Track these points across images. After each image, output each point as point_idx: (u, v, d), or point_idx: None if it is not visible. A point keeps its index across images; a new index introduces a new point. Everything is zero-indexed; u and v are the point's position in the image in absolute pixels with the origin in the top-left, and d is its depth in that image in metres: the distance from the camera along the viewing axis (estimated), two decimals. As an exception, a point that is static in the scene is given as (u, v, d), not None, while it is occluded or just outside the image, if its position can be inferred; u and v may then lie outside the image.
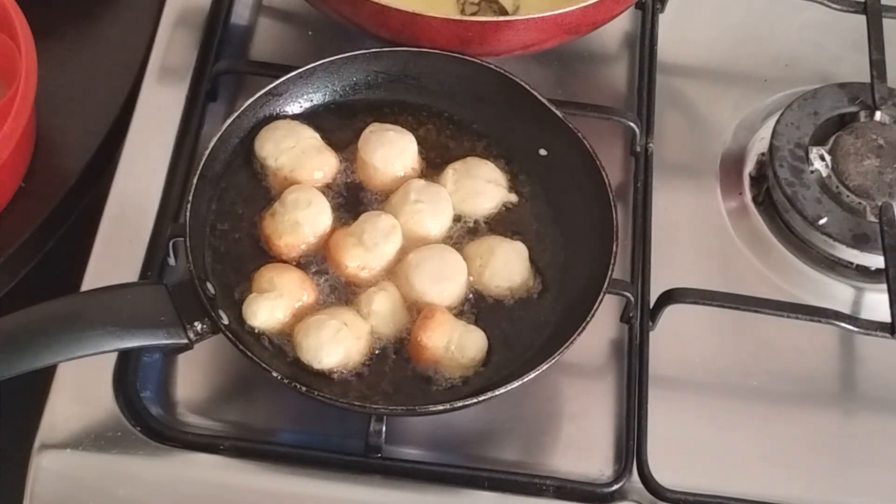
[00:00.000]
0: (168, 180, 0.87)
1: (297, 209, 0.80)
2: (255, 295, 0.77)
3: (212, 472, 0.77)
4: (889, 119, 0.92)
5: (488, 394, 0.74)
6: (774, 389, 0.85)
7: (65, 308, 0.74)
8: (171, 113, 0.90)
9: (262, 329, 0.77)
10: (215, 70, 0.92)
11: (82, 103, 0.93)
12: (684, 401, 0.84)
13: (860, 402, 0.86)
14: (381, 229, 0.80)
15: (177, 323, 0.74)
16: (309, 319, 0.77)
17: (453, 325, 0.77)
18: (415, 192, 0.82)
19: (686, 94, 0.98)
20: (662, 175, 0.91)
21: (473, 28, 0.85)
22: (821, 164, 0.90)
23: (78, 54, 0.95)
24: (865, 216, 0.88)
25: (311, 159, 0.83)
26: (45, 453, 0.76)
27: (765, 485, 0.80)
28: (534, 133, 0.86)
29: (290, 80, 0.86)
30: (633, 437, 0.79)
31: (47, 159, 0.90)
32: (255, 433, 0.79)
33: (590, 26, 0.90)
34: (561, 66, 0.97)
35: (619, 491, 0.78)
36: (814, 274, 0.89)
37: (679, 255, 0.89)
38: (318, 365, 0.76)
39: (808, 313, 0.82)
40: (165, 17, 0.96)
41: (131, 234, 0.85)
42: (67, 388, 0.79)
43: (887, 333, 0.82)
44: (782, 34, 1.02)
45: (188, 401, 0.81)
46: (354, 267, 0.79)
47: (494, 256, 0.80)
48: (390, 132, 0.84)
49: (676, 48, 0.99)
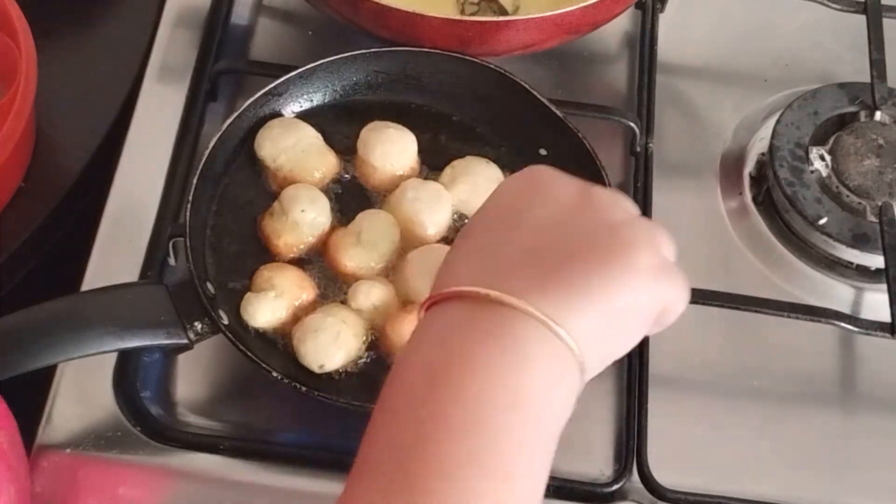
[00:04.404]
0: (168, 180, 0.87)
1: (296, 209, 0.80)
2: (253, 294, 0.77)
3: (212, 472, 0.77)
4: (889, 119, 0.92)
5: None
6: (774, 389, 0.85)
7: (65, 308, 0.74)
8: (171, 113, 0.90)
9: (262, 328, 0.77)
10: (215, 70, 0.92)
11: (82, 103, 0.92)
12: (684, 401, 0.84)
13: (860, 402, 0.86)
14: (379, 227, 0.80)
15: (177, 323, 0.74)
16: (305, 321, 0.76)
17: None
18: (413, 189, 0.82)
19: (686, 94, 0.98)
20: (662, 175, 0.91)
21: (473, 28, 0.85)
22: (821, 164, 0.90)
23: (78, 54, 0.95)
24: (865, 216, 0.88)
25: (310, 159, 0.83)
26: (45, 453, 0.76)
27: (765, 485, 0.80)
28: (534, 133, 0.86)
29: (290, 80, 0.86)
30: (633, 437, 0.79)
31: (47, 159, 0.90)
32: (255, 433, 0.79)
33: (590, 26, 0.90)
34: (561, 66, 0.97)
35: (619, 491, 0.78)
36: (814, 274, 0.89)
37: (679, 255, 0.89)
38: (320, 370, 0.76)
39: (808, 313, 0.82)
40: (165, 17, 0.96)
41: (131, 234, 0.85)
42: (67, 388, 0.79)
43: (887, 333, 0.82)
44: (782, 34, 1.02)
45: (188, 401, 0.81)
46: (353, 266, 0.79)
47: (494, 257, 0.80)
48: (390, 129, 0.84)
49: (676, 48, 0.99)
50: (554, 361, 0.54)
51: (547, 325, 0.53)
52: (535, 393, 0.53)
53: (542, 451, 0.54)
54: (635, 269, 0.56)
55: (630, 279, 0.55)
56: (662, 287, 0.57)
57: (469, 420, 0.52)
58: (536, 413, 0.53)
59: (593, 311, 0.54)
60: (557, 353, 0.54)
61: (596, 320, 0.55)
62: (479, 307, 0.54)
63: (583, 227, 0.57)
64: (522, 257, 0.56)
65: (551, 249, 0.56)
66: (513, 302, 0.54)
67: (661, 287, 0.57)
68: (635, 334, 0.58)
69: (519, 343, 0.53)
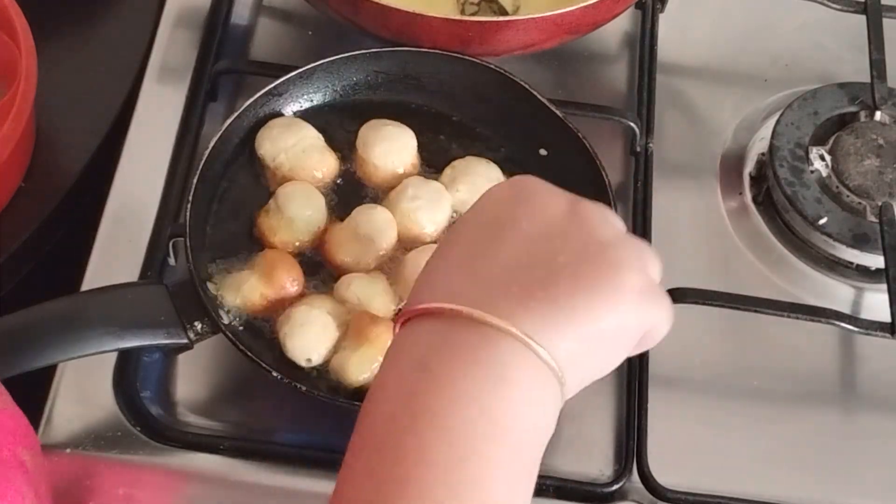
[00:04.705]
0: (168, 180, 0.87)
1: (292, 206, 0.80)
2: (233, 273, 0.77)
3: (212, 472, 0.77)
4: (889, 119, 0.92)
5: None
6: (774, 389, 0.85)
7: (65, 308, 0.74)
8: (171, 113, 0.90)
9: (240, 308, 0.77)
10: (215, 70, 0.92)
11: (82, 103, 0.92)
12: (684, 401, 0.84)
13: (860, 402, 0.86)
14: (375, 223, 0.80)
15: (177, 323, 0.74)
16: (292, 314, 0.76)
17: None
18: (414, 187, 0.82)
19: (686, 94, 0.98)
20: (662, 175, 0.91)
21: (473, 28, 0.85)
22: (821, 164, 0.90)
23: (78, 54, 0.95)
24: (865, 216, 0.88)
25: (310, 159, 0.83)
26: (45, 453, 0.76)
27: (765, 485, 0.80)
28: (534, 133, 0.86)
29: (290, 80, 0.86)
30: (633, 437, 0.79)
31: (47, 159, 0.90)
32: (255, 433, 0.79)
33: (590, 26, 0.90)
34: (561, 66, 0.97)
35: (619, 491, 0.78)
36: (814, 274, 0.89)
37: (679, 255, 0.89)
38: (308, 364, 0.76)
39: (808, 313, 0.82)
40: (165, 17, 0.96)
41: (131, 234, 0.85)
42: (67, 388, 0.79)
43: (887, 333, 0.82)
44: (782, 34, 1.02)
45: (188, 401, 0.81)
46: (349, 261, 0.79)
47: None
48: (389, 127, 0.84)
49: (676, 48, 0.99)
50: (537, 383, 0.53)
51: (530, 346, 0.52)
52: (519, 421, 0.52)
53: (526, 475, 0.53)
54: (622, 291, 0.54)
55: (617, 301, 0.54)
56: (649, 310, 0.56)
57: (453, 454, 0.51)
58: (520, 440, 0.52)
59: (577, 332, 0.53)
60: (540, 375, 0.53)
61: (579, 342, 0.53)
62: (460, 326, 0.53)
63: (570, 243, 0.55)
64: (506, 273, 0.54)
65: (536, 266, 0.54)
66: (496, 323, 0.52)
67: (648, 310, 0.56)
68: (618, 356, 0.57)
69: (503, 367, 0.52)
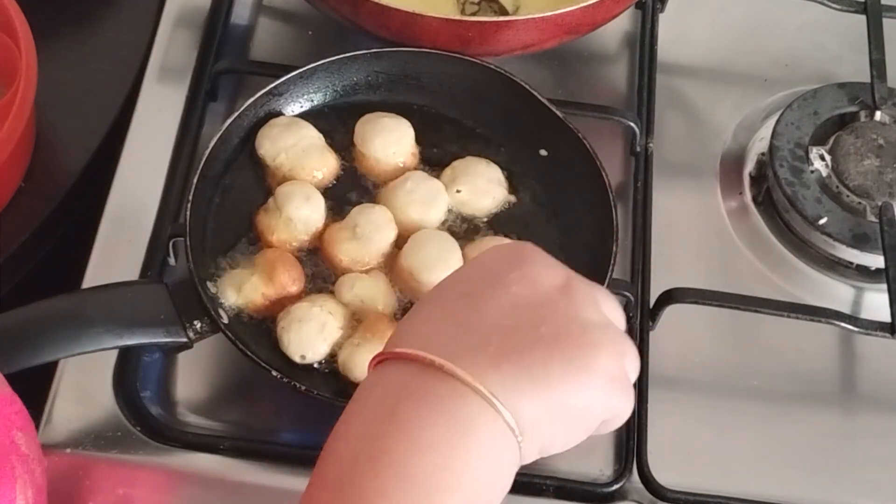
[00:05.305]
0: (168, 180, 0.87)
1: (290, 205, 0.80)
2: (234, 272, 0.77)
3: (212, 472, 0.77)
4: (889, 119, 0.92)
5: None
6: (774, 389, 0.85)
7: (65, 305, 0.74)
8: (171, 113, 0.90)
9: (241, 307, 0.77)
10: (215, 70, 0.92)
11: (82, 103, 0.92)
12: (684, 401, 0.84)
13: (860, 402, 0.86)
14: (374, 222, 0.80)
15: (176, 322, 0.74)
16: (291, 310, 0.76)
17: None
18: (412, 181, 0.82)
19: (686, 94, 0.98)
20: (662, 175, 0.91)
21: (473, 28, 0.85)
22: (821, 163, 0.90)
23: (78, 54, 0.95)
24: (865, 216, 0.88)
25: (310, 158, 0.83)
26: (45, 453, 0.76)
27: (765, 485, 0.80)
28: (534, 133, 0.86)
29: (290, 80, 0.86)
30: (633, 437, 0.79)
31: (47, 159, 0.90)
32: (255, 433, 0.79)
33: (590, 26, 0.90)
34: (561, 66, 0.97)
35: (619, 491, 0.78)
36: (814, 274, 0.89)
37: (679, 255, 0.89)
38: (301, 361, 0.76)
39: (808, 313, 0.82)
40: (165, 17, 0.96)
41: (131, 234, 0.85)
42: (67, 388, 0.79)
43: (887, 333, 0.82)
44: (782, 34, 1.02)
45: (188, 401, 0.81)
46: (348, 261, 0.79)
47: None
48: (385, 119, 0.85)
49: (676, 48, 0.99)
50: (499, 442, 0.53)
51: (495, 406, 0.53)
52: (478, 475, 0.53)
53: None
54: (595, 373, 0.55)
55: (588, 381, 0.55)
56: (616, 398, 0.57)
57: (409, 500, 0.51)
58: (479, 493, 0.53)
59: (545, 401, 0.54)
60: (502, 436, 0.53)
61: (544, 411, 0.54)
62: (430, 375, 0.54)
63: (555, 316, 0.56)
64: (487, 332, 0.55)
65: (518, 330, 0.55)
66: (465, 378, 0.53)
67: (615, 398, 0.56)
68: (579, 434, 0.57)
69: (468, 421, 0.53)
